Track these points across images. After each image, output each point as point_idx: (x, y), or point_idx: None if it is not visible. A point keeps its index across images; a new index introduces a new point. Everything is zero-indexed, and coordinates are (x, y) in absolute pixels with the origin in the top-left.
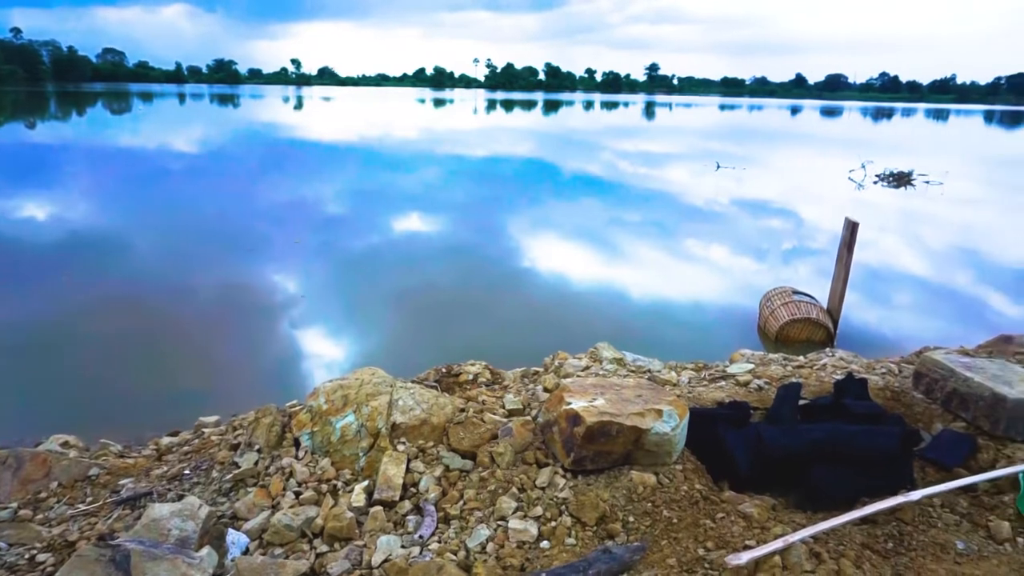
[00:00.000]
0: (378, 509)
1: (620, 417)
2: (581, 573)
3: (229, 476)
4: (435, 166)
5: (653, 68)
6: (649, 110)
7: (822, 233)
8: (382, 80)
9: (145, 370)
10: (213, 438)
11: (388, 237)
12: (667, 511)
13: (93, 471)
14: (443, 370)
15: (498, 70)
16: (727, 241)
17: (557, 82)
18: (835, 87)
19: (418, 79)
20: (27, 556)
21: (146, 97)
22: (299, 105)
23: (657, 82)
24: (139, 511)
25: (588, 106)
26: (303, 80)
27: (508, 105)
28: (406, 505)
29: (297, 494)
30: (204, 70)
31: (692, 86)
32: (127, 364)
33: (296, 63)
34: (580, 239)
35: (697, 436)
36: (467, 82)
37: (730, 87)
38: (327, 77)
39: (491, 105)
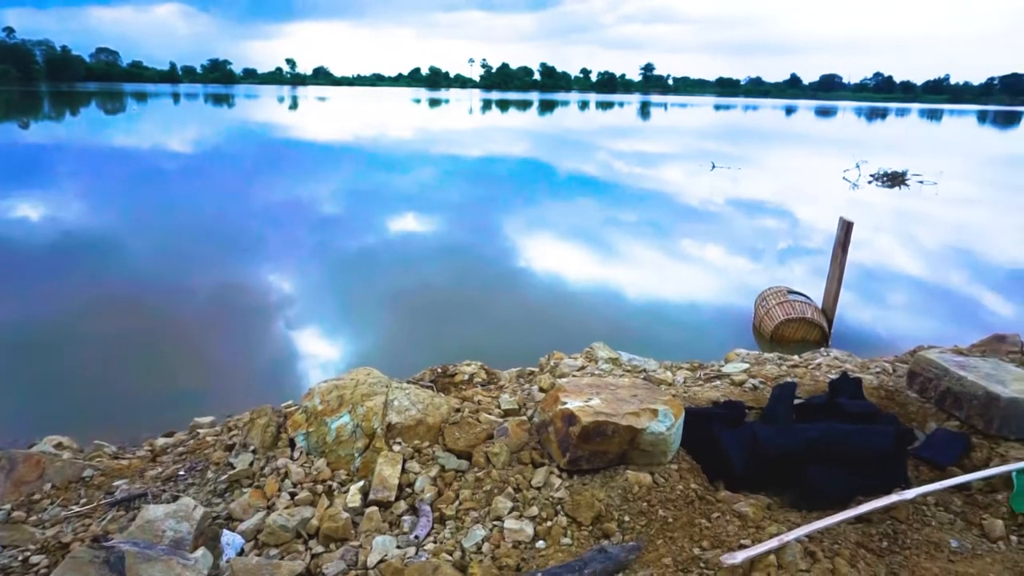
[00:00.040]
0: (374, 509)
1: (616, 417)
2: (577, 573)
3: (224, 477)
4: (430, 166)
5: (648, 68)
6: (644, 110)
7: (817, 233)
8: (377, 80)
9: (140, 370)
10: (208, 439)
11: (383, 237)
12: (663, 510)
13: (87, 472)
14: (439, 370)
15: (493, 70)
16: (722, 241)
17: (552, 82)
18: (829, 87)
19: (413, 79)
20: (20, 558)
21: (140, 97)
22: (294, 105)
23: (652, 82)
24: (133, 512)
25: (583, 106)
26: (298, 80)
27: (503, 105)
28: (402, 505)
29: (292, 495)
30: (198, 70)
31: (687, 86)
32: (121, 364)
33: (291, 63)
34: (575, 239)
35: (692, 436)
36: (462, 82)
37: (725, 87)
38: (322, 77)
39: (486, 105)
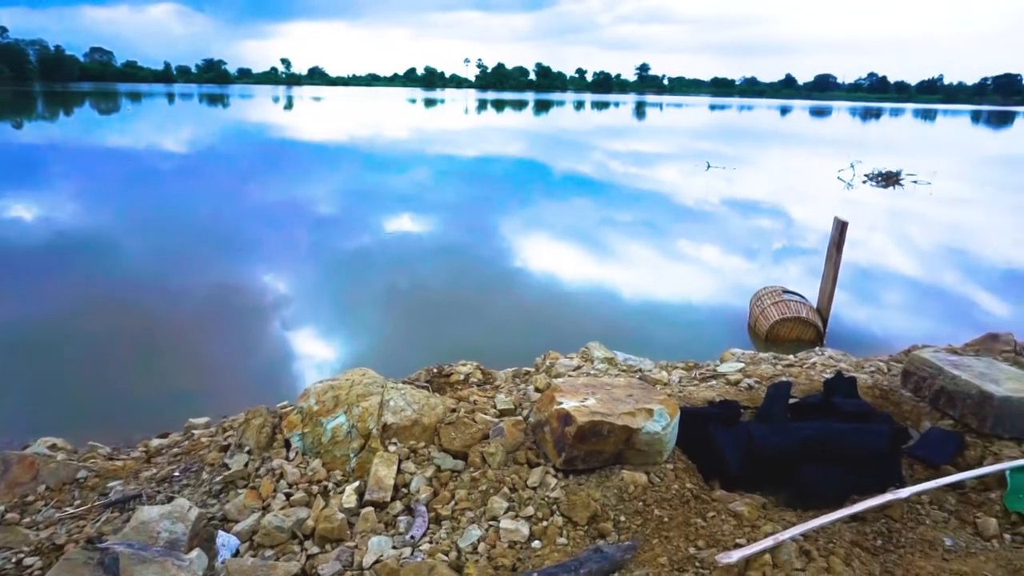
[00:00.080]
0: (369, 510)
1: (611, 417)
2: (573, 572)
3: (219, 478)
4: (426, 166)
5: (643, 68)
6: (640, 110)
7: (812, 233)
8: (372, 80)
9: (134, 371)
10: (203, 440)
11: (379, 237)
12: (658, 510)
13: (81, 474)
14: (434, 370)
15: (489, 70)
16: (718, 241)
17: (548, 82)
18: (824, 87)
19: (409, 79)
20: (14, 560)
21: (135, 97)
22: (289, 105)
23: (647, 82)
24: (128, 514)
25: (579, 106)
26: (293, 80)
27: (499, 105)
28: (397, 506)
29: (288, 495)
30: (193, 70)
31: (682, 86)
32: (116, 365)
33: (286, 63)
34: (571, 239)
35: (688, 435)
36: (458, 82)
37: (720, 87)
38: (317, 77)
39: (482, 105)
